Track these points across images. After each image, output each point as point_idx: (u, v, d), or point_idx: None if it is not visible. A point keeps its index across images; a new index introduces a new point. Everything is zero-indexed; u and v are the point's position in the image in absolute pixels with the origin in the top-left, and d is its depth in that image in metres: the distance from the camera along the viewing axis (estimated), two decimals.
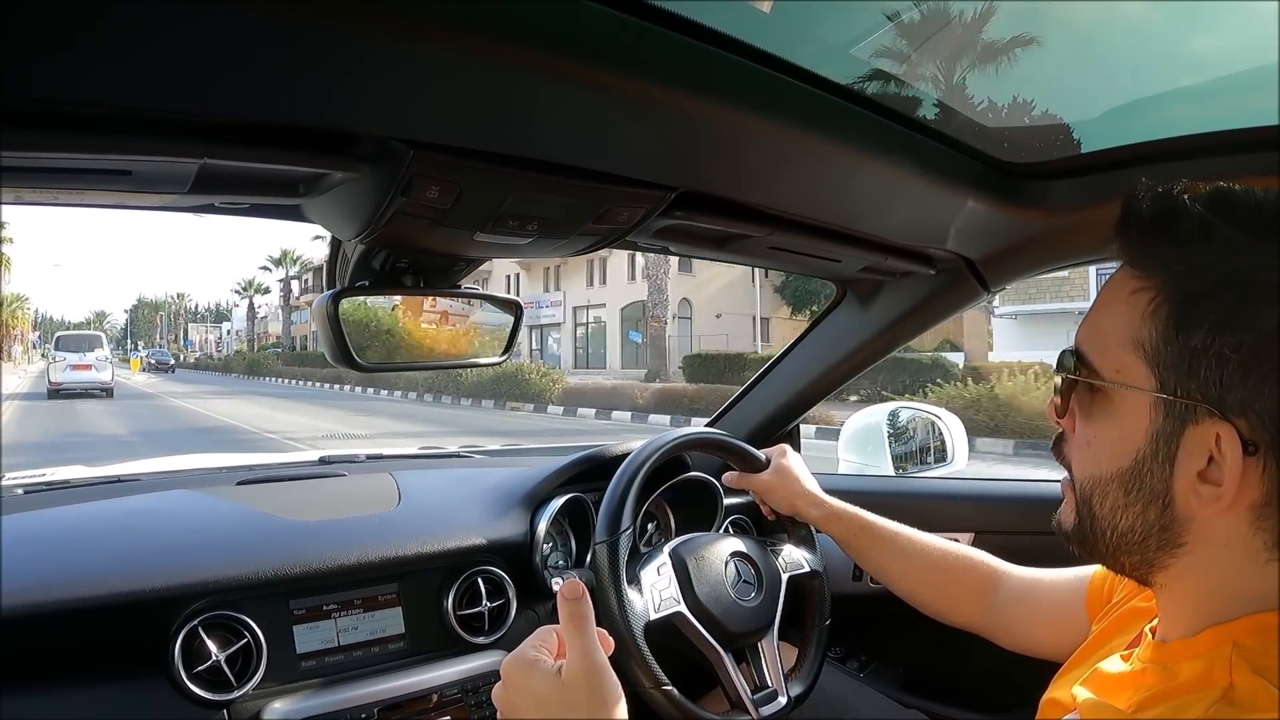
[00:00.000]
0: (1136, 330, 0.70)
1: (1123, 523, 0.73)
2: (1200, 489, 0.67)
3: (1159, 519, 0.71)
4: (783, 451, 1.58)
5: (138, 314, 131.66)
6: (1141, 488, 0.71)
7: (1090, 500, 0.75)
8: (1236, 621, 0.69)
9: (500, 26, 0.67)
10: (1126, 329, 0.71)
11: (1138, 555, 0.74)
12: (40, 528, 1.34)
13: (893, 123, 1.05)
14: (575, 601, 0.88)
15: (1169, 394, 0.68)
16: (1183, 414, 0.67)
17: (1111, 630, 0.93)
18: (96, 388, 25.24)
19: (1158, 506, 0.70)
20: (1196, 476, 0.67)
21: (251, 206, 1.04)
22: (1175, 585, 0.74)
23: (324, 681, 1.30)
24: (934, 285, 1.60)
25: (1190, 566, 0.71)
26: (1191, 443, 0.67)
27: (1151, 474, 0.70)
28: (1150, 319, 0.69)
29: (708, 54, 0.81)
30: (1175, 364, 0.67)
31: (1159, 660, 0.74)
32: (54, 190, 0.89)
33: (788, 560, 1.54)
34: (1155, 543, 0.72)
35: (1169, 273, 0.69)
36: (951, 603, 1.35)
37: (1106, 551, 0.76)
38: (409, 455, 2.21)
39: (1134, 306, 0.70)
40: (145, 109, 0.71)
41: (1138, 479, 0.71)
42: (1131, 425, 0.71)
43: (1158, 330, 0.68)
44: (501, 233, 1.03)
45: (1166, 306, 0.68)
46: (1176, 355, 0.67)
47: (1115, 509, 0.73)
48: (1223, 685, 0.65)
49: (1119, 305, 0.72)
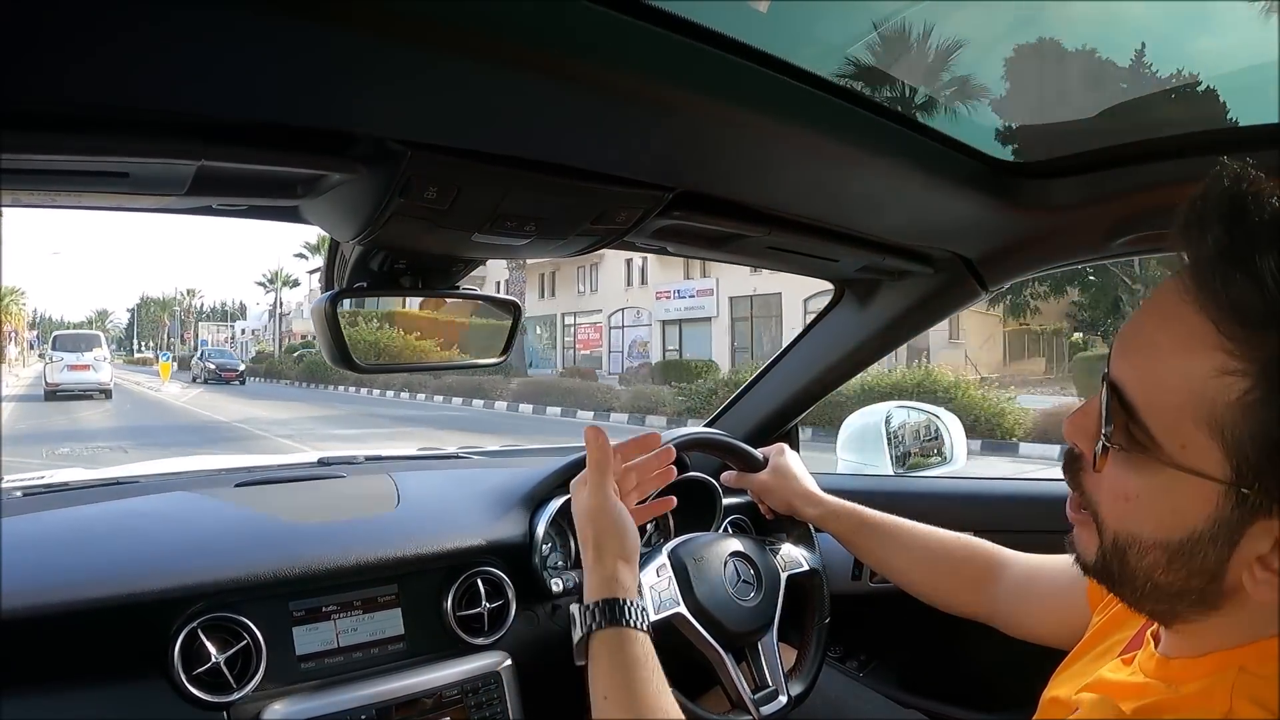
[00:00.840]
0: (1218, 414, 0.61)
1: (1160, 579, 0.68)
2: (1259, 573, 0.63)
3: (1202, 588, 0.67)
4: (780, 450, 1.58)
5: (142, 312, 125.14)
6: (1190, 561, 0.66)
7: (1125, 553, 0.70)
8: (1245, 647, 0.67)
9: (498, 27, 0.67)
10: (1204, 407, 0.62)
11: (1166, 606, 0.70)
12: (40, 530, 1.34)
13: (890, 122, 1.05)
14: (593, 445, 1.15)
15: (1246, 487, 0.61)
16: (1255, 506, 0.62)
17: (1110, 626, 0.92)
18: (95, 389, 24.68)
19: (1204, 578, 0.66)
20: (1256, 560, 0.63)
21: (249, 208, 1.04)
22: (1192, 630, 0.71)
23: (324, 683, 1.30)
24: (932, 285, 1.61)
25: (1218, 624, 0.69)
26: (1259, 530, 0.62)
27: (1205, 554, 0.65)
28: (1240, 410, 0.61)
29: (704, 54, 0.81)
30: (1258, 459, 0.60)
31: (1162, 677, 0.73)
32: (52, 192, 0.89)
33: (786, 559, 1.54)
34: (1189, 603, 0.68)
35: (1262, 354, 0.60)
36: (954, 592, 1.35)
37: (1133, 595, 0.73)
38: (408, 456, 2.20)
39: (1221, 389, 0.61)
40: (143, 111, 0.71)
41: (1187, 554, 0.66)
42: (1188, 505, 0.65)
43: (1248, 424, 0.60)
44: (499, 233, 1.04)
45: (1264, 405, 0.60)
46: (1261, 451, 0.60)
47: (1155, 567, 0.68)
48: (1222, 709, 0.64)
49: (1199, 376, 0.62)
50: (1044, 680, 0.94)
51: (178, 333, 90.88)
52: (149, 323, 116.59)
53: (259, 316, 74.81)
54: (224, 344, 74.68)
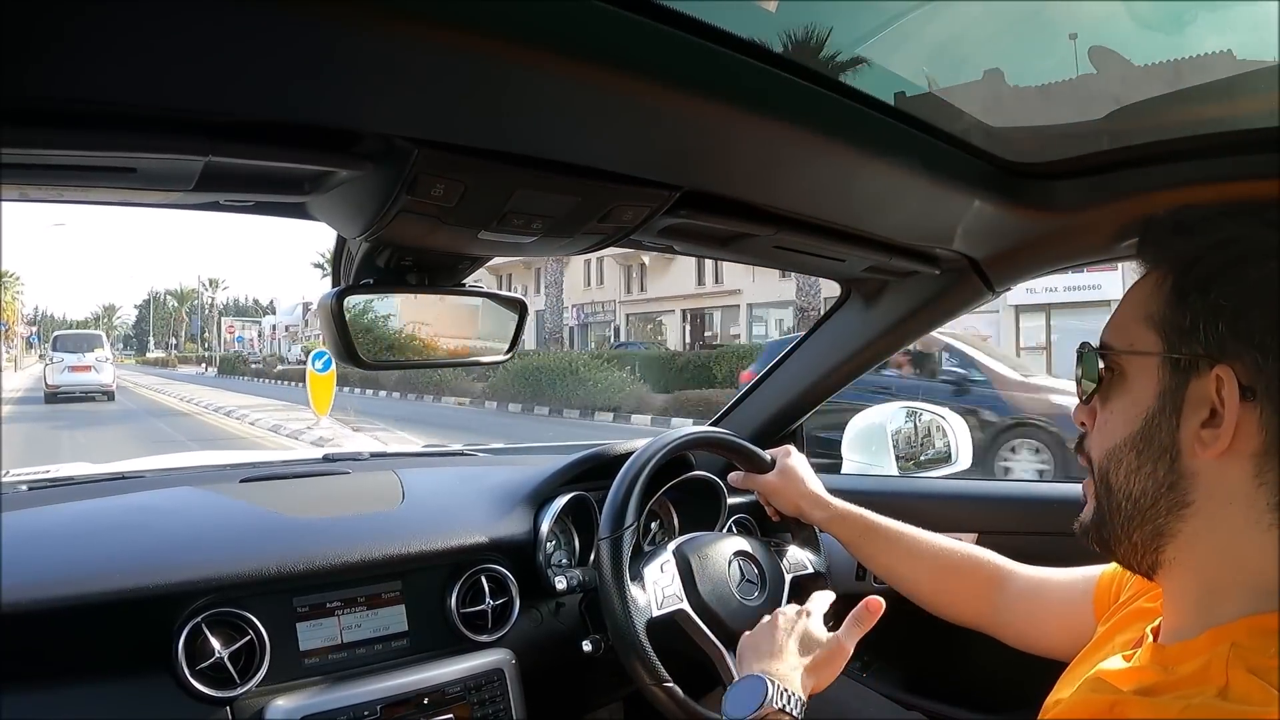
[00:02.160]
0: (1148, 306, 0.78)
1: (1136, 487, 0.77)
2: (1204, 434, 0.73)
3: (1167, 475, 0.75)
4: (787, 452, 1.58)
5: (153, 307, 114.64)
6: (1150, 444, 0.76)
7: (1108, 475, 0.80)
8: (1235, 623, 0.70)
9: (506, 25, 0.67)
10: (1139, 307, 0.79)
11: (1150, 525, 0.77)
12: (44, 524, 1.34)
13: (898, 122, 1.05)
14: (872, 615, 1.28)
15: (1174, 353, 0.75)
16: (1186, 369, 0.74)
17: (1114, 630, 0.93)
18: (97, 390, 24.19)
19: (1166, 460, 0.75)
20: (1200, 426, 0.73)
21: (256, 204, 1.04)
22: (1182, 563, 0.77)
23: (327, 679, 1.31)
24: (938, 285, 1.60)
25: (1198, 531, 0.75)
26: (1195, 395, 0.73)
27: (1160, 429, 0.75)
28: (1157, 292, 0.77)
29: (713, 53, 0.81)
30: (1179, 324, 0.74)
31: (1159, 662, 0.75)
32: (58, 187, 0.89)
33: (791, 561, 1.54)
34: (1165, 505, 0.76)
35: (1178, 255, 0.78)
36: (958, 602, 1.35)
37: (1122, 531, 0.80)
38: (413, 453, 2.21)
39: (1145, 288, 0.79)
40: (151, 107, 0.71)
41: (1147, 438, 0.76)
42: (1142, 390, 0.77)
43: (1164, 298, 0.76)
44: (506, 231, 1.04)
45: (1179, 283, 0.76)
46: (1180, 316, 0.74)
47: (1129, 474, 0.78)
48: (1219, 683, 0.67)
49: (1134, 293, 0.81)
50: (1047, 682, 0.94)
51: (199, 329, 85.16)
52: (160, 320, 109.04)
53: (290, 310, 70.02)
54: (251, 343, 71.54)
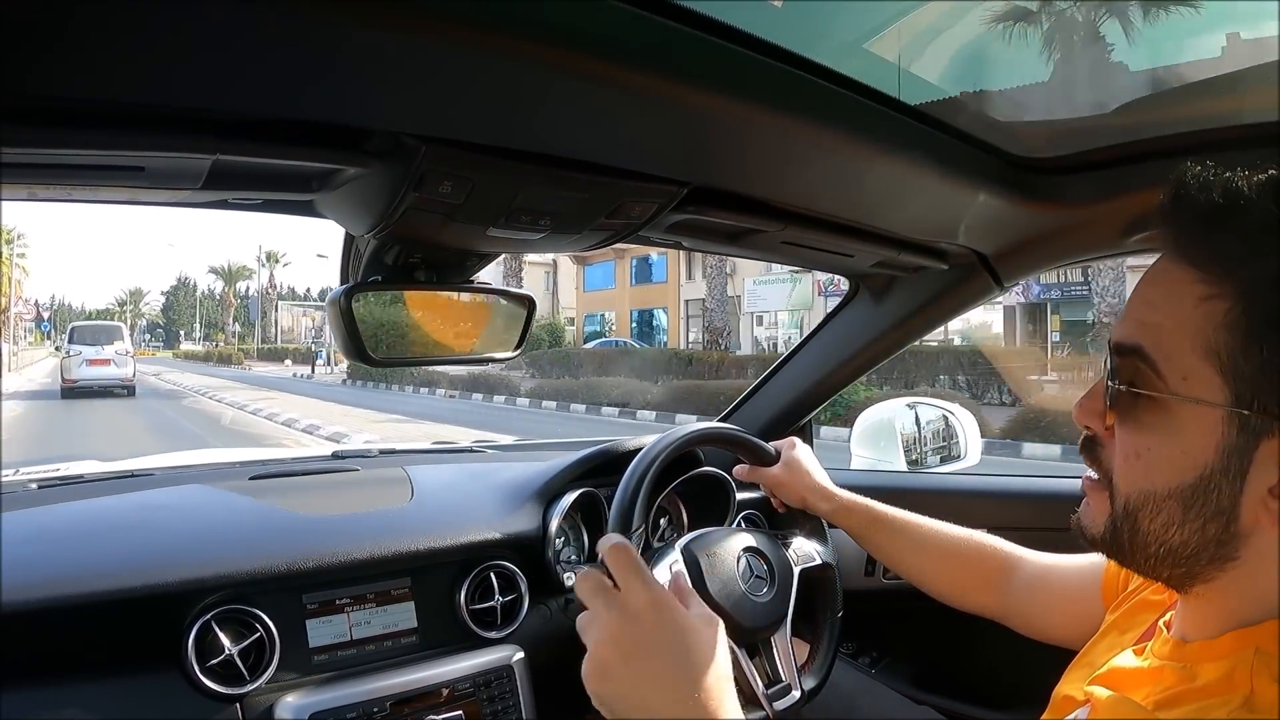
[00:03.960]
0: (1209, 339, 0.65)
1: (1175, 539, 0.69)
2: (1270, 504, 0.65)
3: (1218, 535, 0.68)
4: (792, 444, 1.57)
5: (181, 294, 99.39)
6: (1205, 504, 0.67)
7: (1137, 516, 0.71)
8: (1260, 626, 0.67)
9: (513, 22, 0.67)
10: (1198, 337, 0.66)
11: (1183, 569, 0.71)
12: (54, 522, 1.35)
13: (906, 117, 1.05)
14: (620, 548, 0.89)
15: (1245, 408, 0.64)
16: (1257, 429, 0.64)
17: (1122, 622, 0.92)
18: (117, 384, 23.41)
19: (1220, 522, 0.67)
20: (1267, 492, 0.65)
21: (264, 202, 1.04)
22: (1211, 594, 0.71)
23: (336, 675, 1.31)
24: (947, 280, 1.60)
25: (1236, 579, 0.69)
26: (1264, 457, 0.64)
27: (1219, 491, 0.66)
28: (1226, 329, 0.65)
29: (720, 49, 0.81)
30: (1254, 377, 0.64)
31: (1178, 659, 0.73)
32: (67, 186, 0.89)
33: (799, 553, 1.54)
34: (1207, 557, 0.69)
35: (1242, 278, 0.64)
36: (966, 590, 1.34)
37: (1145, 564, 0.73)
38: (422, 450, 2.21)
39: (1207, 314, 0.65)
40: (159, 106, 0.71)
41: (1202, 496, 0.67)
42: (1196, 440, 0.67)
43: (1237, 343, 0.64)
44: (514, 228, 1.04)
45: (1246, 318, 0.64)
46: (1255, 369, 0.64)
47: (1168, 525, 0.69)
48: (1244, 691, 0.64)
49: (1184, 309, 0.67)
50: (1057, 678, 0.93)
51: (258, 315, 68.20)
52: (189, 307, 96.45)
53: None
54: (313, 333, 60.20)
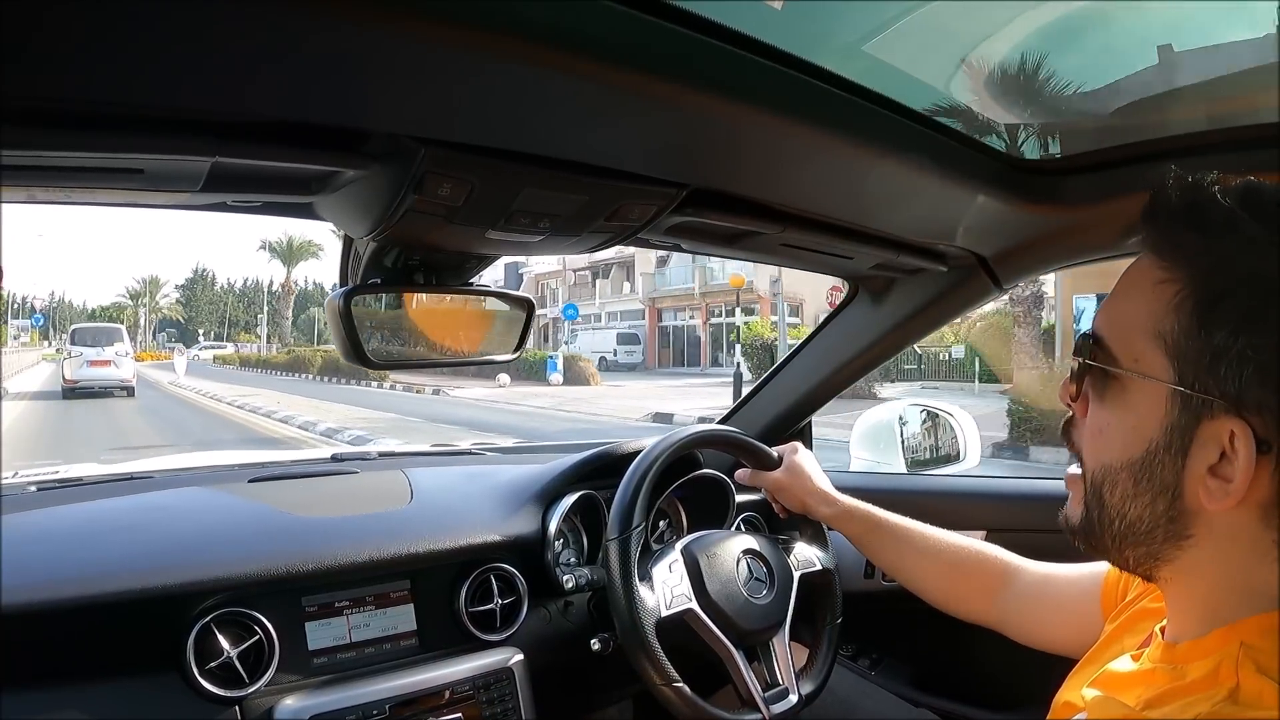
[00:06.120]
0: (1159, 321, 0.70)
1: (1131, 512, 0.73)
2: (1210, 483, 0.68)
3: (1167, 510, 0.71)
4: (795, 449, 1.57)
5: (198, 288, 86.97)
6: (1152, 478, 0.71)
7: (1101, 489, 0.76)
8: (1244, 621, 0.69)
9: (512, 24, 0.67)
10: (1148, 319, 0.71)
11: (1144, 548, 0.74)
12: (53, 525, 1.35)
13: (905, 119, 1.05)
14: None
15: (1187, 388, 0.68)
16: (1198, 408, 0.68)
17: (1123, 630, 0.93)
18: (117, 385, 23.32)
19: (1167, 498, 0.71)
20: (1207, 471, 0.68)
21: (263, 204, 1.04)
22: (1181, 580, 0.74)
23: (336, 678, 1.31)
24: (946, 282, 1.60)
25: (1197, 560, 0.72)
26: (1205, 437, 0.68)
27: (1163, 465, 0.70)
28: (1174, 312, 0.69)
29: (719, 51, 0.81)
30: (1196, 359, 0.68)
31: (1169, 661, 0.75)
32: (66, 189, 0.89)
33: (799, 558, 1.54)
34: (1162, 534, 0.72)
35: (1194, 266, 0.69)
36: (965, 598, 1.34)
37: (1112, 544, 0.76)
38: (421, 453, 2.21)
39: (1157, 297, 0.70)
40: (158, 108, 0.71)
41: (1148, 469, 0.71)
42: (1146, 415, 0.71)
43: (1181, 324, 0.69)
44: (513, 230, 1.04)
45: (1191, 301, 0.68)
46: (1198, 351, 0.67)
47: (1124, 498, 0.74)
48: (1229, 684, 0.66)
49: (1142, 294, 0.72)
50: (1056, 680, 0.94)
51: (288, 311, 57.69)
52: (209, 301, 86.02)
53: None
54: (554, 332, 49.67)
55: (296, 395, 22.65)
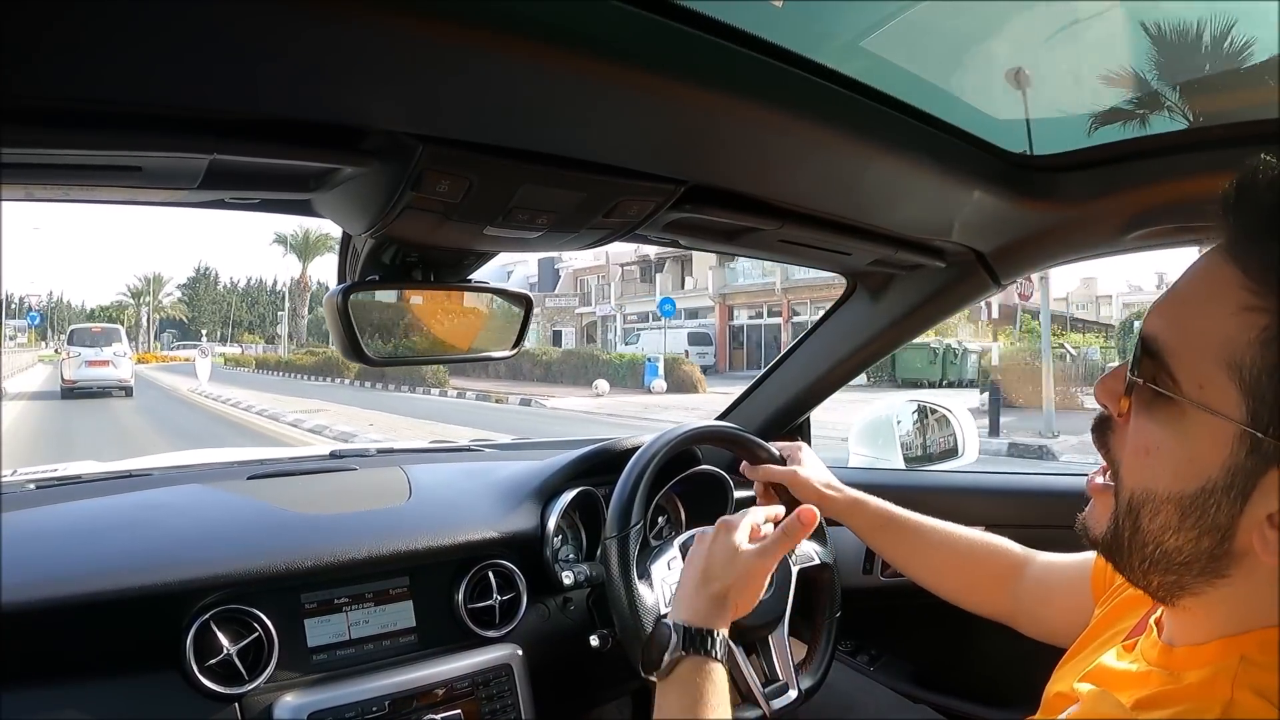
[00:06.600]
0: (1237, 353, 0.62)
1: (1170, 543, 0.68)
2: (1268, 533, 0.63)
3: (1212, 549, 0.66)
4: (799, 447, 1.57)
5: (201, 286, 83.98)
6: (1203, 517, 0.65)
7: (1139, 513, 0.69)
8: (1248, 635, 0.67)
9: (511, 21, 0.67)
10: (1224, 346, 0.63)
11: (1173, 578, 0.69)
12: (52, 522, 1.34)
13: (904, 116, 1.05)
14: (805, 527, 1.12)
15: (1261, 431, 0.62)
16: (1270, 455, 0.62)
17: (1111, 618, 0.91)
18: (115, 385, 23.42)
19: (1215, 537, 0.65)
20: (1266, 519, 0.63)
21: (262, 201, 1.04)
22: (1198, 608, 0.70)
23: (335, 675, 1.31)
24: (944, 278, 1.60)
25: (1225, 597, 0.68)
26: (1270, 484, 0.62)
27: (1218, 506, 0.64)
28: (1259, 347, 0.62)
29: (718, 48, 0.81)
30: (1275, 401, 0.61)
31: (1165, 665, 0.73)
32: (65, 186, 0.89)
33: (798, 552, 1.54)
34: (1198, 569, 0.67)
35: None
36: (977, 591, 1.33)
37: (1139, 565, 0.71)
38: (419, 449, 2.21)
39: (1241, 326, 0.62)
40: (157, 106, 0.71)
41: (1200, 507, 0.65)
42: (1205, 450, 0.65)
43: (1266, 362, 0.61)
44: (511, 227, 1.04)
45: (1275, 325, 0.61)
46: (1277, 395, 0.61)
47: (1165, 528, 0.68)
48: (1224, 699, 0.64)
49: (1221, 314, 0.64)
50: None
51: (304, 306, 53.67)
52: (212, 301, 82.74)
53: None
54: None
55: (354, 407, 19.14)
